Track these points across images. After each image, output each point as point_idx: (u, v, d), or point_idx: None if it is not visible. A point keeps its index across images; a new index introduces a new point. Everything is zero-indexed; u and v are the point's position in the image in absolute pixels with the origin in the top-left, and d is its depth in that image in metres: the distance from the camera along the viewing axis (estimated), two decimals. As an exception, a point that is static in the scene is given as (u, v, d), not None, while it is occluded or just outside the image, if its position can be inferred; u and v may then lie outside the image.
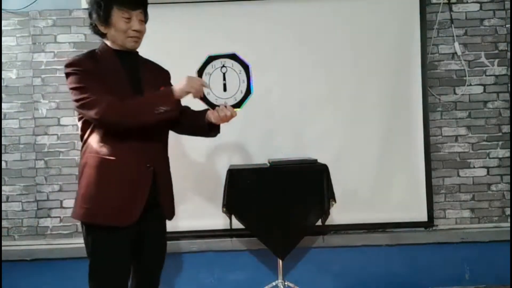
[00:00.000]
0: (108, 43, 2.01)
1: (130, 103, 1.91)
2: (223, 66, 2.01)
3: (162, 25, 3.11)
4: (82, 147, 2.00)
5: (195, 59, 2.06)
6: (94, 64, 1.93)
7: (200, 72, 2.01)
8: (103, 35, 2.02)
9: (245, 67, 2.02)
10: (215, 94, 2.01)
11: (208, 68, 2.01)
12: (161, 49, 2.78)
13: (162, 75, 2.18)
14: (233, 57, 2.01)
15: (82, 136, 2.01)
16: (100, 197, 1.91)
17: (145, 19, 2.03)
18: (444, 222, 3.37)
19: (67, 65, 1.92)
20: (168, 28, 3.19)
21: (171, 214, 2.14)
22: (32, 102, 3.35)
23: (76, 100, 1.90)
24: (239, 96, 2.01)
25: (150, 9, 2.06)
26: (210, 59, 2.01)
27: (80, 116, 1.99)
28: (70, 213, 3.22)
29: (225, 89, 2.00)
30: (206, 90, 2.01)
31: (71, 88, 1.92)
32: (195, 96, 1.99)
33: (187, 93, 1.96)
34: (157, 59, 2.19)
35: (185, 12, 3.25)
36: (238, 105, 2.02)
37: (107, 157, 1.91)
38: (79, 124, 2.01)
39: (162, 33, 3.07)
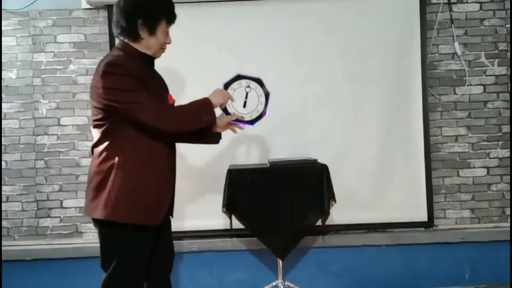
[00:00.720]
0: (136, 46, 2.00)
1: (182, 111, 2.02)
2: (248, 86, 2.26)
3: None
4: (106, 148, 1.94)
5: (193, 59, 2.06)
6: (136, 67, 1.93)
7: (227, 86, 2.23)
8: (137, 39, 1.99)
9: (266, 93, 2.28)
10: (234, 107, 2.23)
11: (234, 84, 2.25)
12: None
13: (163, 81, 2.21)
14: (258, 81, 2.28)
15: (102, 137, 1.96)
16: (137, 198, 1.94)
17: None
18: (444, 222, 3.37)
19: (112, 65, 1.89)
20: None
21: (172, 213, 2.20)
22: (32, 102, 3.35)
23: (123, 102, 1.88)
24: (254, 115, 2.28)
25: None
26: (238, 77, 2.26)
27: (101, 116, 1.93)
28: (71, 213, 3.32)
29: (244, 106, 2.26)
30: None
31: (115, 88, 1.88)
32: (221, 107, 2.18)
33: (218, 104, 2.12)
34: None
35: (182, 12, 3.24)
36: (251, 122, 2.27)
37: (143, 159, 1.95)
38: (96, 124, 1.96)
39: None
